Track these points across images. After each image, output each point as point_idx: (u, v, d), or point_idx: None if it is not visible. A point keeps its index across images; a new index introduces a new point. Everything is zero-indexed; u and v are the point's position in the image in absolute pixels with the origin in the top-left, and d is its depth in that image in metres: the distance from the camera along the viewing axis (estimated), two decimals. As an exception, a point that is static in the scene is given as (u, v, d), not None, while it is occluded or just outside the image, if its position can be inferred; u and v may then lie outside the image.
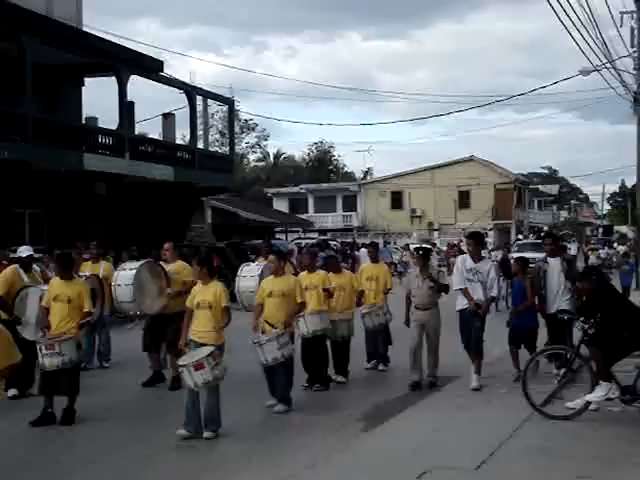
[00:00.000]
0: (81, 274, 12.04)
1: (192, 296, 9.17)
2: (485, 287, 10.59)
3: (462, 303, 10.62)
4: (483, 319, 10.59)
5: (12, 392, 10.41)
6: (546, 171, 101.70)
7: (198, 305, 8.96)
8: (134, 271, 11.31)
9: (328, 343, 11.45)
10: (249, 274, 11.53)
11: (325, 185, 67.28)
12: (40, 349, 9.31)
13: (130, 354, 13.03)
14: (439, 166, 62.40)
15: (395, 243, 48.98)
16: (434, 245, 50.02)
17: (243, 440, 8.61)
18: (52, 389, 9.41)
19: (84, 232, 23.64)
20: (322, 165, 78.97)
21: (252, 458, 7.89)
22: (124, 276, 11.37)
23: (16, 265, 11.20)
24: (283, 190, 66.53)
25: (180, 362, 8.63)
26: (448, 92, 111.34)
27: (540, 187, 77.95)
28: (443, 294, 11.04)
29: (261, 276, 11.24)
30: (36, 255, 13.20)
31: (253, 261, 14.56)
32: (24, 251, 11.45)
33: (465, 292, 10.52)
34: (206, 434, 8.58)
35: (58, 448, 8.46)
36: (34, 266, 11.59)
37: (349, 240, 48.52)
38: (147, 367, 11.71)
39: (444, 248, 47.68)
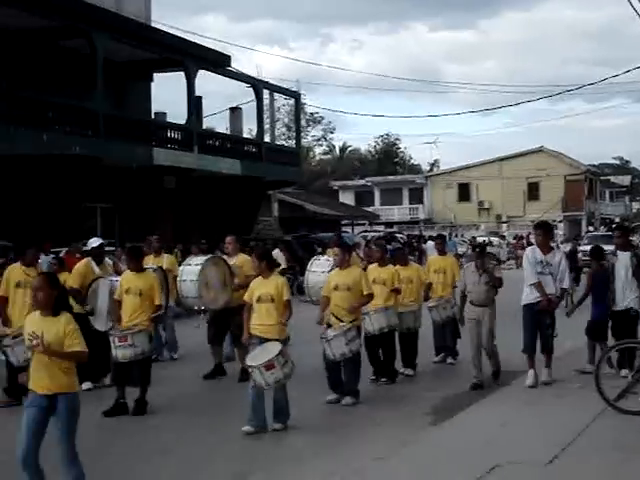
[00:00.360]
0: (152, 267, 12.23)
1: (251, 290, 9.08)
2: (555, 279, 10.30)
3: (530, 297, 10.23)
4: (553, 315, 10.34)
5: (87, 385, 10.63)
6: (617, 162, 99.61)
7: (259, 299, 8.87)
8: (199, 267, 11.39)
9: (396, 335, 11.42)
10: (319, 269, 11.49)
11: (391, 178, 67.04)
12: (113, 341, 9.49)
13: (197, 346, 13.18)
14: (507, 157, 61.64)
15: (462, 235, 48.56)
16: (503, 237, 49.54)
17: (311, 432, 8.64)
18: (124, 380, 9.59)
19: (154, 226, 24.03)
20: (388, 158, 78.68)
21: (320, 450, 7.90)
22: (189, 271, 11.46)
23: (89, 258, 11.43)
24: (349, 183, 66.50)
25: (249, 362, 8.54)
26: (516, 82, 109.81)
27: (611, 178, 76.39)
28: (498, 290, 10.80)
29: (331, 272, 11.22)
30: (107, 248, 13.44)
31: (322, 254, 14.57)
32: (94, 242, 11.68)
33: (539, 286, 10.11)
34: (275, 425, 8.60)
35: (131, 438, 8.62)
36: (106, 259, 11.82)
37: (416, 233, 48.25)
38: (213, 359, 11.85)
39: (512, 240, 47.11)
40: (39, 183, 22.10)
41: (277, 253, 13.82)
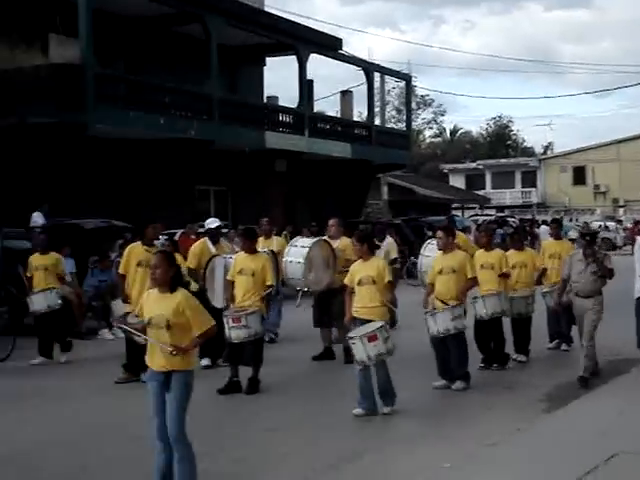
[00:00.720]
0: (266, 250, 12.40)
1: (351, 274, 8.95)
2: None
3: None
4: None
5: (205, 362, 10.94)
6: None
7: (360, 282, 8.77)
8: (306, 249, 11.44)
9: (508, 321, 11.25)
10: (432, 254, 11.39)
11: (503, 161, 65.84)
12: (227, 322, 9.68)
13: (300, 328, 13.28)
14: (626, 139, 59.60)
15: (577, 220, 47.33)
16: (619, 222, 48.01)
17: (419, 416, 8.59)
18: (238, 359, 9.79)
19: (265, 208, 24.37)
20: (500, 140, 77.29)
21: (429, 434, 7.86)
22: (296, 253, 11.53)
23: (205, 238, 11.69)
24: (459, 166, 65.74)
25: (351, 334, 8.46)
26: (634, 62, 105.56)
27: None
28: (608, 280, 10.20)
29: None
30: (224, 230, 13.67)
31: (431, 237, 14.45)
32: (212, 222, 11.93)
33: None
34: (384, 409, 8.58)
35: (244, 416, 8.81)
36: (222, 239, 12.05)
37: (528, 217, 47.30)
38: (319, 341, 11.93)
39: (629, 225, 45.65)
40: (155, 166, 22.73)
41: (390, 242, 13.64)
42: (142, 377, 8.32)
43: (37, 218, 17.59)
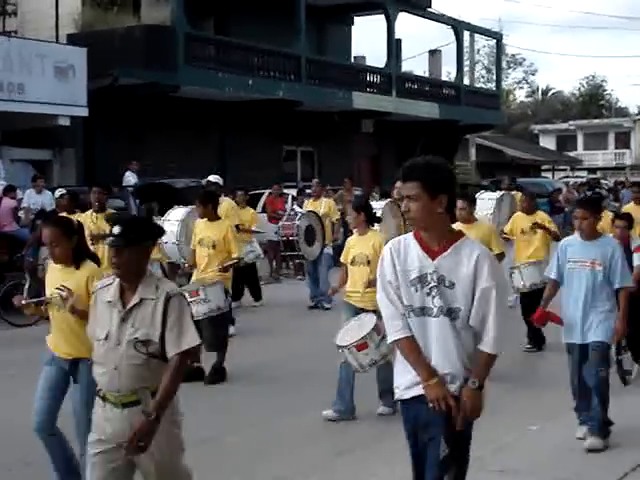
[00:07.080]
0: (301, 211, 12.33)
1: (347, 250, 7.55)
2: None
3: None
4: None
5: None
6: None
7: (353, 261, 7.35)
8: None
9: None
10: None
11: (596, 121, 63.99)
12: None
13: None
14: None
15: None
16: None
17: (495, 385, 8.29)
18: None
19: (351, 169, 24.42)
20: (593, 100, 75.14)
21: (511, 399, 7.76)
22: None
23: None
24: (550, 127, 64.24)
25: (338, 342, 6.76)
26: None
27: None
28: None
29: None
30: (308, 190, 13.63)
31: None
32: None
33: None
34: (380, 409, 7.19)
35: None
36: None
37: (621, 179, 46.05)
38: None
39: None
40: (243, 127, 22.96)
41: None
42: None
43: (130, 177, 18.07)
